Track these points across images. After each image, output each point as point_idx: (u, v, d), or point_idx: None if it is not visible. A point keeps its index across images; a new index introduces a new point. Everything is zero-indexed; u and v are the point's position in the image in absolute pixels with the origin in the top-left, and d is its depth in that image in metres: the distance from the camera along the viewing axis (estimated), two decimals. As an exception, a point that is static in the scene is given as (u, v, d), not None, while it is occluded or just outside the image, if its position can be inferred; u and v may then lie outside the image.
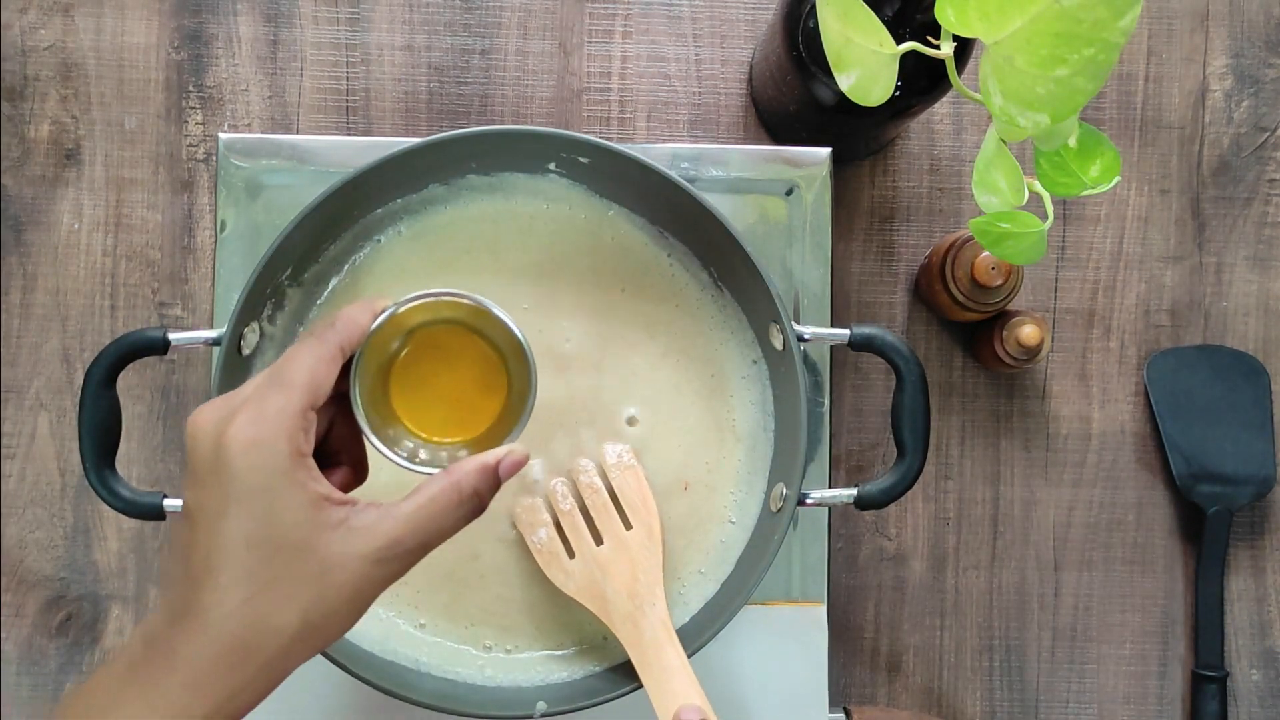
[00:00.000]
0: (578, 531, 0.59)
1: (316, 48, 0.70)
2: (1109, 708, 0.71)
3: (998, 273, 0.64)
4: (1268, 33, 0.73)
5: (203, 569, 0.38)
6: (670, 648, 0.55)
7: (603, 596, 0.57)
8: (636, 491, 0.59)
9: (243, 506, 0.38)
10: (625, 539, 0.58)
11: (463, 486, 0.41)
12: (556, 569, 0.58)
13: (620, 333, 0.62)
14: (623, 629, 0.56)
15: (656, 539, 0.58)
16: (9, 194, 0.69)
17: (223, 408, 0.40)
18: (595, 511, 0.59)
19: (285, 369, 0.40)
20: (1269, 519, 0.72)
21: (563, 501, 0.60)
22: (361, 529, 0.39)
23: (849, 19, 0.48)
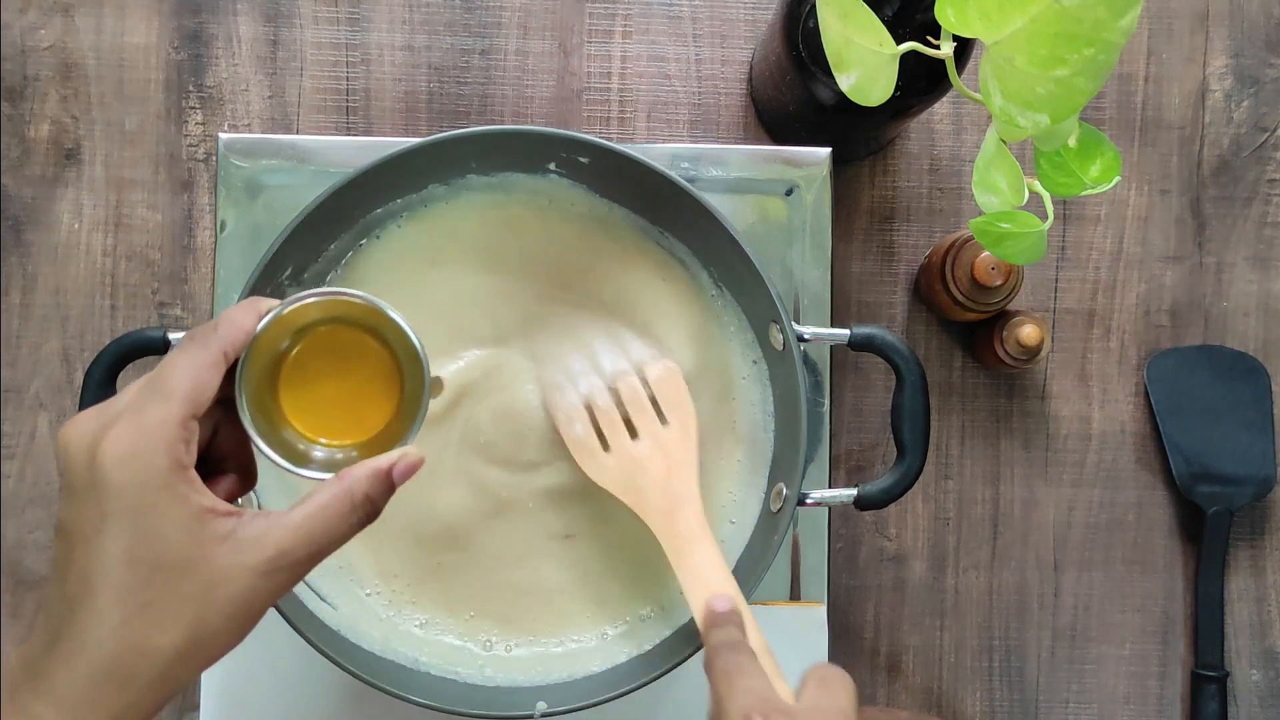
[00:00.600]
0: (614, 426, 0.59)
1: (316, 48, 0.70)
2: (1109, 708, 0.71)
3: (998, 273, 0.64)
4: (1268, 33, 0.73)
5: (79, 590, 0.37)
6: (703, 542, 0.54)
7: (637, 489, 0.57)
8: (674, 389, 0.59)
9: (120, 524, 0.36)
10: (661, 435, 0.58)
11: (355, 493, 0.40)
12: (592, 463, 0.58)
13: (619, 332, 0.62)
14: (656, 522, 0.56)
15: (692, 437, 0.58)
16: (9, 194, 0.69)
17: (96, 419, 0.38)
18: (631, 406, 0.59)
19: (164, 377, 0.38)
20: (1269, 519, 0.72)
21: (600, 396, 0.59)
22: (249, 540, 0.38)
23: (849, 19, 0.48)
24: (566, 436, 0.59)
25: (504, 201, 0.62)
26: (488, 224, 0.62)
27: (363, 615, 0.60)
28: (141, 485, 0.37)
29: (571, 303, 0.62)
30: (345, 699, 0.62)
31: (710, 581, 0.53)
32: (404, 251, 0.62)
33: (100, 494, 0.36)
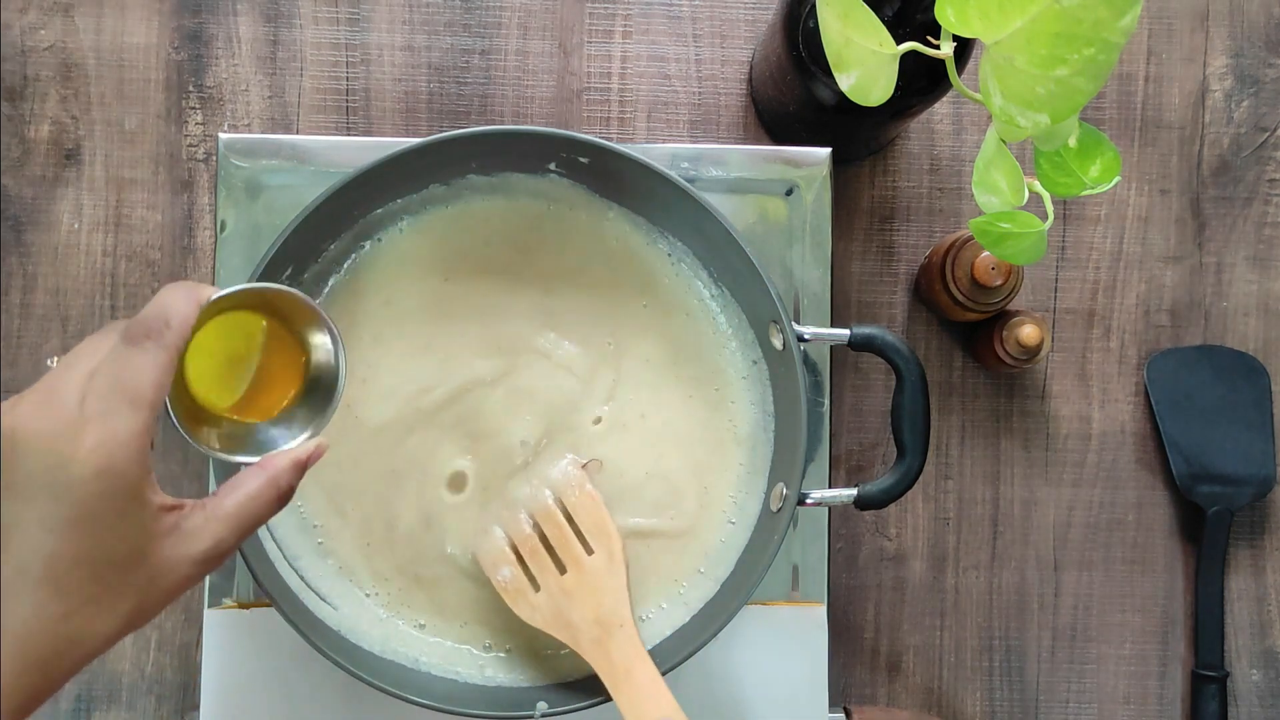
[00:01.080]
0: (540, 562, 0.58)
1: (316, 48, 0.70)
2: (1109, 708, 0.71)
3: (998, 273, 0.64)
4: (1268, 33, 0.73)
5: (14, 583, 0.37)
6: (640, 667, 0.54)
7: (570, 624, 0.57)
8: (594, 516, 0.58)
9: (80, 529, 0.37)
10: (587, 564, 0.58)
11: (280, 483, 0.42)
12: (523, 604, 0.58)
13: (619, 332, 0.62)
14: (592, 654, 0.56)
15: (619, 561, 0.57)
16: (9, 194, 0.69)
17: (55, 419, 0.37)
18: (555, 540, 0.58)
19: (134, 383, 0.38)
20: (1269, 519, 0.72)
21: (522, 533, 0.59)
22: (190, 532, 0.39)
23: (849, 19, 0.48)
24: (494, 580, 0.59)
25: (504, 202, 0.62)
26: (488, 226, 0.62)
27: (363, 615, 0.60)
28: (113, 495, 0.37)
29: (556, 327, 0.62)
30: (345, 699, 0.62)
31: (648, 709, 0.53)
32: (404, 256, 0.62)
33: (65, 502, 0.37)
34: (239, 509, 0.41)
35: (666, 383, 0.62)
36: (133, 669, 0.68)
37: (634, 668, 0.54)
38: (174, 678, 0.69)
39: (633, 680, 0.54)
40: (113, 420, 0.37)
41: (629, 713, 0.54)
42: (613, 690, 0.55)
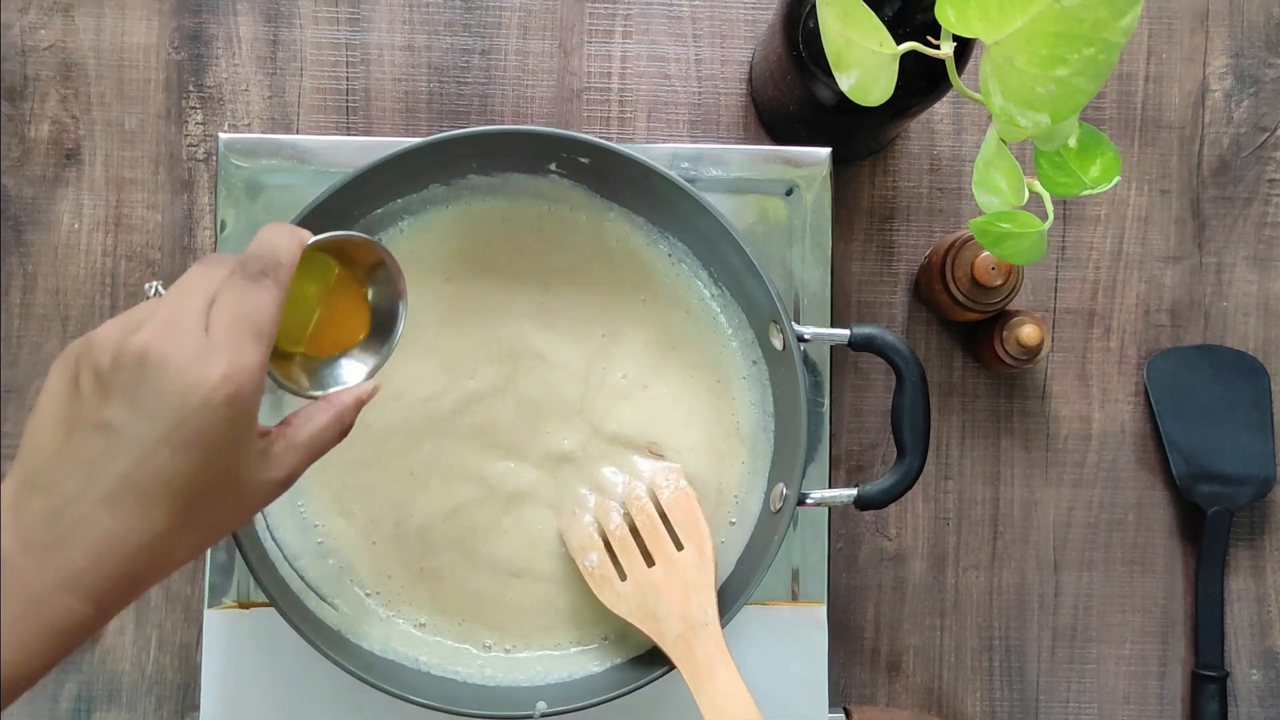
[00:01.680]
0: (629, 553, 0.59)
1: (316, 48, 0.70)
2: (1109, 708, 0.71)
3: (998, 273, 0.64)
4: (1268, 33, 0.73)
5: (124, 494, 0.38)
6: (724, 668, 0.54)
7: (655, 617, 0.57)
8: (687, 513, 0.59)
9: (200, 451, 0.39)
10: (677, 559, 0.58)
11: (344, 419, 0.45)
12: (608, 592, 0.58)
13: (619, 326, 0.62)
14: (675, 649, 0.55)
15: (709, 559, 0.57)
16: (9, 194, 0.69)
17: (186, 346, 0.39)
18: (645, 532, 0.59)
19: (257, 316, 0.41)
20: (1269, 519, 0.72)
21: (612, 522, 0.59)
22: (274, 458, 0.42)
23: (849, 19, 0.48)
24: (581, 565, 0.59)
25: (504, 202, 0.62)
26: (488, 226, 0.62)
27: (363, 615, 0.60)
28: (234, 421, 0.39)
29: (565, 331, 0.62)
30: (345, 699, 0.62)
31: (731, 712, 0.53)
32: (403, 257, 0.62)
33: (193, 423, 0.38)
34: (310, 440, 0.44)
35: (668, 367, 0.62)
36: (133, 669, 0.68)
37: (718, 668, 0.54)
38: (174, 678, 0.69)
39: (716, 680, 0.54)
40: (240, 351, 0.39)
41: (710, 713, 0.53)
42: (694, 688, 0.54)
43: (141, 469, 0.38)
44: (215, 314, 0.40)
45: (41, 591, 0.38)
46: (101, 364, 0.39)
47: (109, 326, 0.40)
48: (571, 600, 0.61)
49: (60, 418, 0.39)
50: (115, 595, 0.39)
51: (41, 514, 0.38)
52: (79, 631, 0.39)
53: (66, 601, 0.38)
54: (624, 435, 0.61)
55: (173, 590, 0.69)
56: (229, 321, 0.40)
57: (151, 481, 0.38)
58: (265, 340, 0.41)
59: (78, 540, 0.38)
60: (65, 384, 0.40)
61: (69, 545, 0.38)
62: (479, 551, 0.61)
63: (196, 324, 0.40)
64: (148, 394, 0.38)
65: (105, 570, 0.38)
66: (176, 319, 0.40)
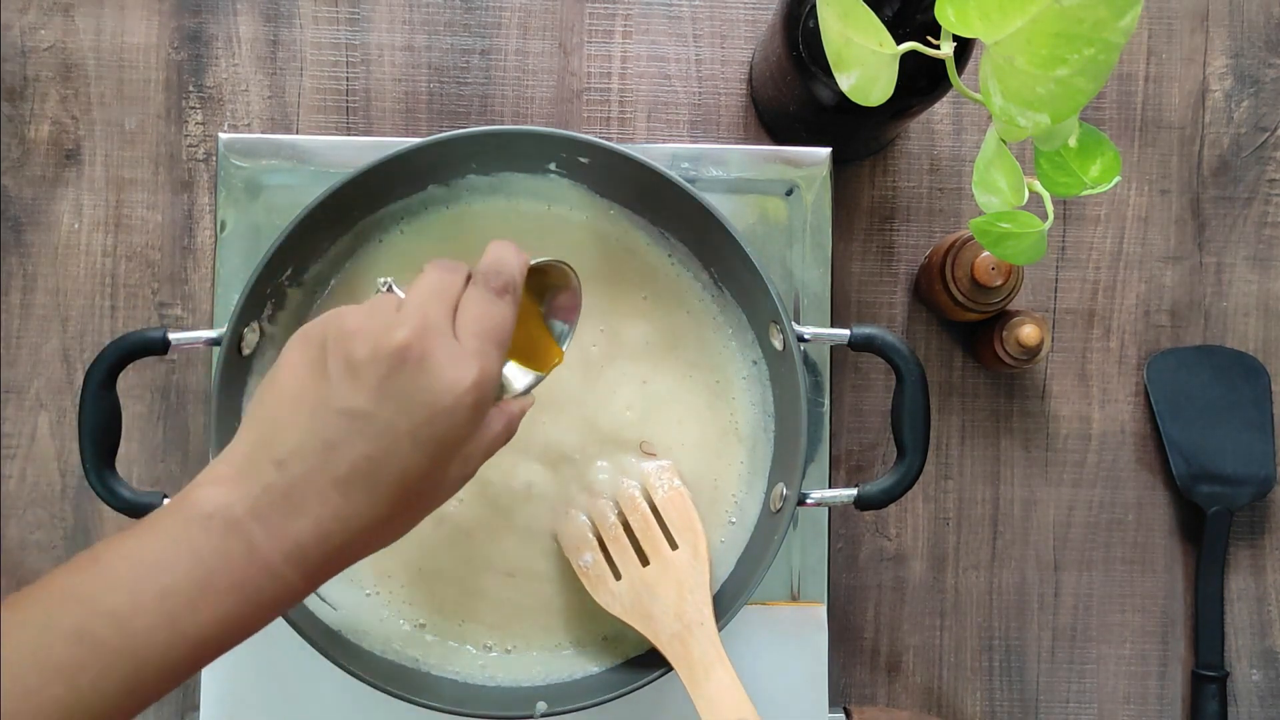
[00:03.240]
0: (624, 552, 0.59)
1: (316, 48, 0.70)
2: (1109, 708, 0.71)
3: (998, 273, 0.64)
4: (1268, 33, 0.73)
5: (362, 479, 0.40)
6: (720, 666, 0.54)
7: (650, 616, 0.57)
8: (681, 512, 0.59)
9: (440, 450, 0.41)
10: (671, 559, 0.58)
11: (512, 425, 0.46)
12: (603, 591, 0.58)
13: (621, 329, 0.62)
14: (670, 648, 0.56)
15: (703, 558, 0.57)
16: (9, 194, 0.69)
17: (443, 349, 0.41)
18: (640, 531, 0.59)
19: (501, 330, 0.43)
20: (1269, 519, 0.72)
21: (606, 521, 0.59)
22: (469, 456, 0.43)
23: (849, 19, 0.48)
24: (576, 565, 0.59)
25: (504, 202, 0.62)
26: (488, 226, 0.62)
27: (363, 615, 0.60)
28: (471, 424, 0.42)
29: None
30: (345, 699, 0.62)
31: (727, 710, 0.53)
32: (404, 257, 0.62)
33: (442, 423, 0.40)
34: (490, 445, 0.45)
35: (668, 363, 0.62)
36: (133, 669, 0.68)
37: (714, 666, 0.54)
38: (174, 678, 0.69)
39: (712, 679, 0.54)
40: (488, 360, 0.42)
41: (707, 712, 0.53)
42: (690, 687, 0.54)
43: (382, 457, 0.40)
44: (465, 322, 0.42)
45: (268, 559, 0.39)
46: (356, 353, 0.40)
47: (355, 316, 0.42)
48: (570, 600, 0.61)
49: (303, 394, 0.41)
50: (327, 572, 0.41)
51: (279, 486, 0.39)
52: (287, 602, 0.40)
53: (286, 571, 0.39)
54: (620, 432, 0.61)
55: (173, 590, 0.69)
56: (479, 331, 0.42)
57: (388, 470, 0.40)
58: (505, 351, 0.43)
59: (309, 515, 0.39)
60: (310, 365, 0.41)
61: (300, 517, 0.39)
62: (477, 551, 0.61)
63: (447, 329, 0.42)
64: (404, 388, 0.40)
65: (326, 548, 0.40)
66: (428, 322, 0.41)
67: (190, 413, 0.69)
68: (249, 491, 0.39)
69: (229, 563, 0.38)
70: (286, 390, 0.41)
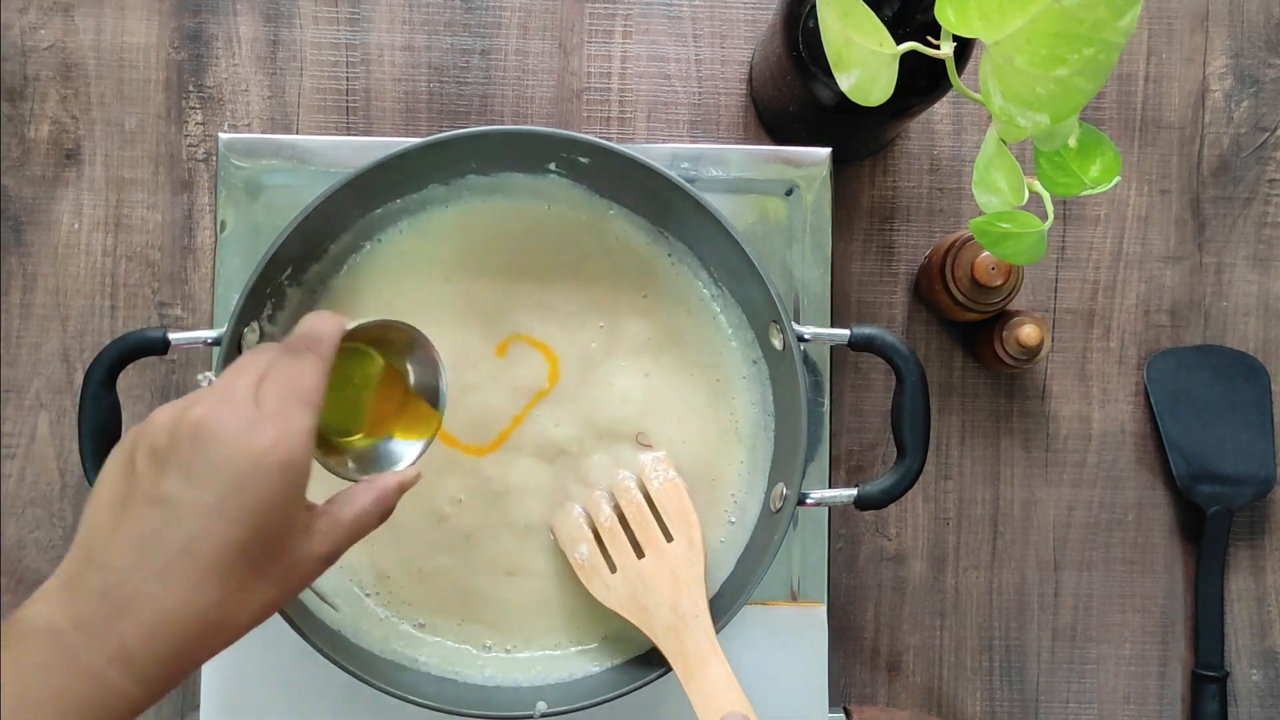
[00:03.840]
0: (618, 544, 0.58)
1: (316, 48, 0.70)
2: (1109, 708, 0.71)
3: (998, 273, 0.64)
4: (1268, 33, 0.73)
5: (178, 565, 0.38)
6: (714, 659, 0.54)
7: (645, 609, 0.57)
8: (676, 503, 0.59)
9: (253, 518, 0.39)
10: (666, 551, 0.58)
11: (386, 501, 0.45)
12: (598, 583, 0.58)
13: (621, 326, 0.62)
14: (665, 641, 0.55)
15: (698, 550, 0.57)
16: (9, 194, 0.69)
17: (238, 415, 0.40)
18: (635, 523, 0.59)
19: (302, 385, 0.42)
20: (1269, 519, 0.72)
21: (602, 513, 0.59)
22: (319, 534, 0.42)
23: (849, 19, 0.48)
24: (571, 558, 0.59)
25: (504, 202, 0.62)
26: (488, 226, 0.62)
27: (363, 615, 0.60)
28: (286, 487, 0.40)
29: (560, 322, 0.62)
30: (345, 699, 0.62)
31: (721, 702, 0.53)
32: (403, 256, 0.62)
33: (246, 490, 0.39)
34: (353, 520, 0.44)
35: (667, 361, 0.62)
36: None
37: (708, 659, 0.54)
38: (174, 678, 0.69)
39: (707, 672, 0.54)
40: (289, 418, 0.41)
41: (701, 704, 0.53)
42: (684, 679, 0.54)
43: (196, 539, 0.38)
44: (264, 387, 0.41)
45: (91, 666, 0.37)
46: (158, 441, 0.40)
47: (163, 410, 0.41)
48: (569, 598, 0.61)
49: (118, 497, 0.40)
50: (164, 674, 0.39)
51: (96, 589, 0.38)
52: (126, 711, 0.38)
53: (115, 678, 0.38)
54: (617, 426, 0.61)
55: (173, 590, 0.69)
56: (278, 391, 0.41)
57: (204, 551, 0.38)
58: (312, 409, 0.42)
59: (131, 614, 0.38)
60: (122, 466, 0.41)
61: (122, 619, 0.38)
62: (475, 549, 0.61)
63: (248, 397, 0.41)
64: (202, 463, 0.39)
65: (156, 645, 0.38)
66: (229, 394, 0.41)
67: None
68: (73, 600, 0.38)
69: (49, 676, 0.37)
70: (103, 496, 0.40)
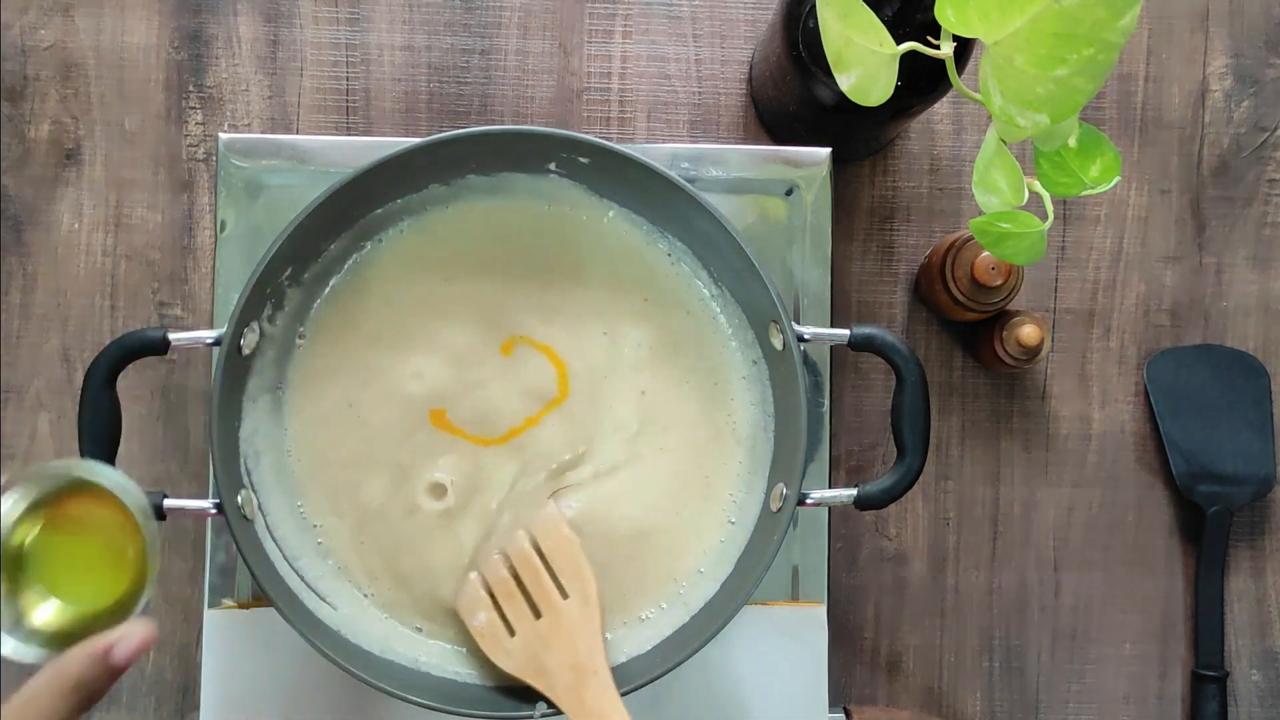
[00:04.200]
0: (515, 606, 0.58)
1: (316, 48, 0.70)
2: (1109, 708, 0.71)
3: (998, 273, 0.64)
4: (1268, 33, 0.73)
5: None
6: (613, 714, 0.54)
7: (545, 670, 0.56)
8: (569, 559, 0.58)
9: None
10: (562, 609, 0.57)
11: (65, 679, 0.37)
12: (498, 651, 0.58)
13: (618, 324, 0.62)
14: (566, 700, 0.55)
15: (593, 604, 0.57)
16: (9, 194, 0.69)
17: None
18: (529, 582, 0.58)
19: None
20: (1269, 519, 0.72)
21: (499, 576, 0.59)
22: None
23: (849, 19, 0.48)
24: (471, 626, 0.59)
25: (504, 202, 0.62)
26: (488, 226, 0.62)
27: (363, 615, 0.60)
28: None
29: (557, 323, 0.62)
30: (345, 699, 0.62)
31: None
32: (403, 256, 0.62)
33: None
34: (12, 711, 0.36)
35: (665, 369, 0.62)
36: (133, 669, 0.68)
37: (608, 715, 0.54)
38: (174, 678, 0.69)
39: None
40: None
41: None
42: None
43: None
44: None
45: None
46: None
47: None
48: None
49: None
50: None
51: None
52: None
53: None
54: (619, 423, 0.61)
55: (172, 591, 0.69)
56: None
57: None
58: None
59: None
60: None
61: None
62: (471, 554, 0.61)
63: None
64: None
65: None
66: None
67: (190, 413, 0.69)
68: None
69: None
70: None
